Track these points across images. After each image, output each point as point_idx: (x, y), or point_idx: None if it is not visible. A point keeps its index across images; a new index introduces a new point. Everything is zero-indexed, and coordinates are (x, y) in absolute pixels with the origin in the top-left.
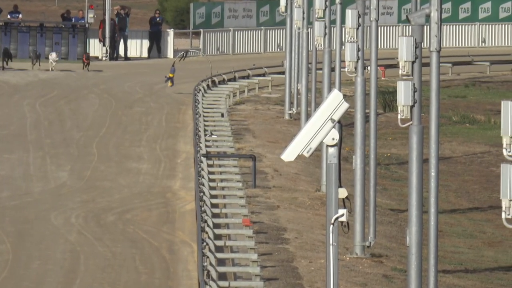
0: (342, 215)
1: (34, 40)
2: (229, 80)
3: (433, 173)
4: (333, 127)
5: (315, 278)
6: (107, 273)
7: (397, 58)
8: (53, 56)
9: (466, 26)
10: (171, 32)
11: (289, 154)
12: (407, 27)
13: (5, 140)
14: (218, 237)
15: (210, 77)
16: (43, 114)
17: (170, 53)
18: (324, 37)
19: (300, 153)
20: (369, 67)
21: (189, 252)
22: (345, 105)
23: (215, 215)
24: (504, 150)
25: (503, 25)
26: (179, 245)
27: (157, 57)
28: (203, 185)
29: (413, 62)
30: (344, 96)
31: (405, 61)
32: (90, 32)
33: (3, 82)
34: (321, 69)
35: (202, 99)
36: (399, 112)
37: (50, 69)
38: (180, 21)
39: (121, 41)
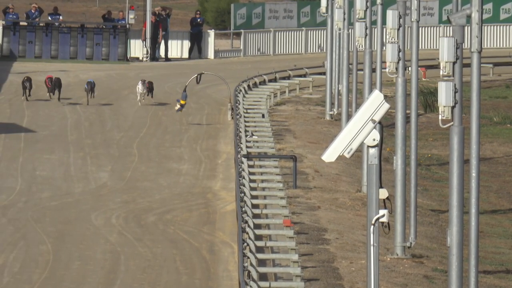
0: (383, 215)
1: (75, 41)
2: (270, 80)
3: (474, 173)
4: (374, 127)
5: (355, 278)
6: (148, 273)
7: (438, 58)
8: (140, 88)
9: (507, 26)
10: (211, 33)
11: (330, 155)
12: (448, 27)
13: (46, 140)
14: (258, 237)
15: (230, 103)
16: (84, 115)
17: (211, 54)
18: (365, 37)
19: (341, 154)
20: (410, 68)
21: (229, 253)
22: (386, 106)
23: (255, 216)
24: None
25: None
26: (220, 246)
27: (197, 58)
28: (244, 185)
29: (454, 63)
30: (385, 96)
31: (446, 62)
32: (131, 33)
33: (44, 83)
34: (362, 69)
35: (243, 100)
36: (440, 112)
37: (139, 102)
38: (221, 22)
39: (162, 42)
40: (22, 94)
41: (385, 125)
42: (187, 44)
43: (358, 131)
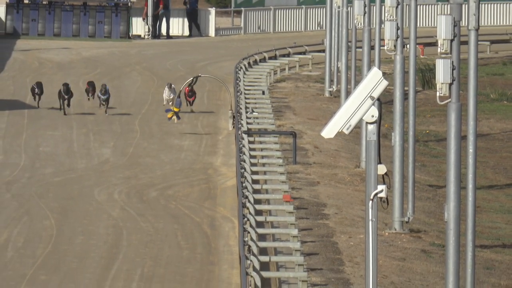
0: (381, 191)
1: (77, 19)
2: (270, 58)
3: (471, 149)
4: (373, 104)
5: (354, 253)
6: (150, 248)
7: (436, 36)
8: (166, 92)
9: (505, 4)
10: (212, 10)
11: (329, 131)
12: (445, 5)
13: (49, 117)
14: (259, 212)
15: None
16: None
17: (211, 32)
18: (364, 15)
19: (340, 130)
20: (408, 45)
21: (230, 228)
22: (384, 83)
23: (256, 191)
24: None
25: None
26: (220, 221)
27: (198, 36)
28: (244, 161)
29: (451, 41)
30: (383, 74)
31: (443, 39)
32: (132, 10)
33: (47, 60)
34: (360, 47)
35: (243, 77)
36: (437, 89)
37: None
38: (222, 0)
39: (164, 20)
40: (34, 100)
41: (384, 101)
42: (187, 22)
43: (357, 107)
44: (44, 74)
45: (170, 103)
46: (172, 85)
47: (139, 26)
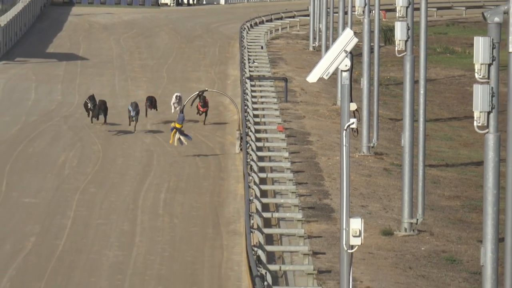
0: (353, 123)
1: None
2: (267, 21)
3: (422, 91)
4: (346, 56)
5: (332, 171)
6: (174, 167)
7: (395, 4)
8: (173, 99)
9: None
10: None
11: (313, 77)
12: None
13: (97, 66)
14: (258, 139)
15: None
16: (126, 46)
17: (222, 0)
18: None
19: (321, 76)
20: (373, 11)
21: (235, 151)
22: (355, 40)
23: (256, 123)
24: (476, 74)
25: None
26: (229, 146)
27: (212, 4)
28: (247, 100)
29: (407, 7)
30: (354, 33)
31: (401, 7)
32: None
33: (95, 23)
34: (337, 12)
35: (247, 35)
36: (396, 45)
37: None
38: None
39: None
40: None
41: (355, 54)
42: None
43: (334, 59)
44: (92, 33)
45: (177, 109)
46: (179, 95)
47: None
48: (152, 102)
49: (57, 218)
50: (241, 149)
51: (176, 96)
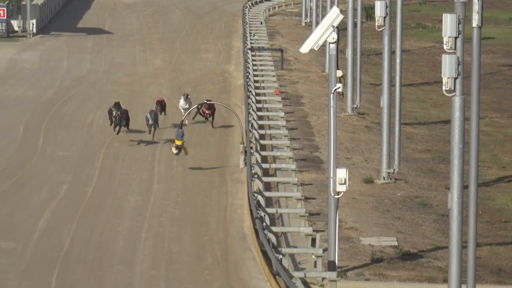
0: (339, 87)
1: None
2: (266, 0)
3: (398, 60)
4: (333, 31)
5: (321, 128)
6: (186, 126)
7: None
8: (181, 101)
9: None
10: None
11: (305, 48)
12: None
13: (120, 39)
14: (258, 101)
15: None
16: (144, 22)
17: None
18: None
19: (312, 47)
20: None
21: (239, 111)
22: (341, 16)
23: (256, 88)
24: (444, 46)
25: None
26: (233, 107)
27: None
28: (249, 68)
29: None
30: (340, 10)
31: None
32: None
33: (119, 2)
34: None
35: (248, 12)
36: (376, 21)
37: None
38: None
39: None
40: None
41: (340, 29)
42: None
43: (323, 32)
44: (117, 11)
45: (185, 113)
46: (188, 96)
47: None
48: (162, 106)
49: (86, 168)
50: (245, 163)
51: (184, 94)
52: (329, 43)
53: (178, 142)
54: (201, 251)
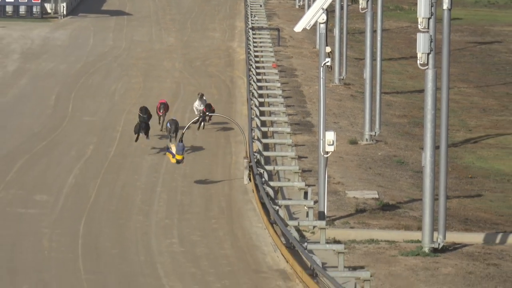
0: (328, 61)
1: None
2: None
3: (379, 38)
4: (323, 12)
5: (312, 96)
6: (196, 95)
7: None
8: (196, 102)
9: None
10: None
11: (299, 27)
12: None
13: (139, 20)
14: (258, 74)
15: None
16: (160, 5)
17: None
18: None
19: (305, 27)
20: None
21: (241, 82)
22: (330, 0)
23: (256, 62)
24: (419, 25)
25: None
26: (236, 78)
27: None
28: (250, 45)
29: None
30: None
31: None
32: None
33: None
34: None
35: None
36: (360, 3)
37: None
38: None
39: None
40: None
41: (329, 11)
42: None
43: (314, 14)
44: None
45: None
46: (203, 96)
47: None
48: (166, 108)
49: (109, 132)
50: (250, 180)
51: (199, 94)
52: (320, 23)
53: (178, 157)
54: (209, 202)
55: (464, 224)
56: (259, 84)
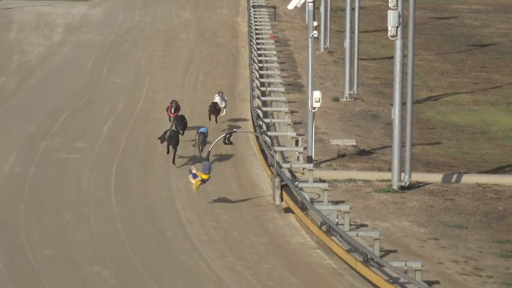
0: (315, 33)
1: None
2: None
3: (357, 14)
4: None
5: (302, 62)
6: (207, 60)
7: None
8: (216, 99)
9: None
10: None
11: (291, 5)
12: None
13: (161, 1)
14: (258, 43)
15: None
16: None
17: None
18: None
19: (296, 5)
20: None
21: (244, 51)
22: None
23: (257, 34)
24: (389, 3)
25: None
26: (240, 48)
27: None
28: (251, 19)
29: None
30: None
31: None
32: None
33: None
34: None
35: None
36: None
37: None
38: None
39: None
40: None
41: None
42: None
43: None
44: None
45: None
46: (223, 93)
47: None
48: (177, 109)
49: (136, 91)
50: (281, 199)
51: (219, 93)
52: (308, 2)
53: (204, 176)
54: (218, 150)
55: (426, 166)
56: (258, 52)
